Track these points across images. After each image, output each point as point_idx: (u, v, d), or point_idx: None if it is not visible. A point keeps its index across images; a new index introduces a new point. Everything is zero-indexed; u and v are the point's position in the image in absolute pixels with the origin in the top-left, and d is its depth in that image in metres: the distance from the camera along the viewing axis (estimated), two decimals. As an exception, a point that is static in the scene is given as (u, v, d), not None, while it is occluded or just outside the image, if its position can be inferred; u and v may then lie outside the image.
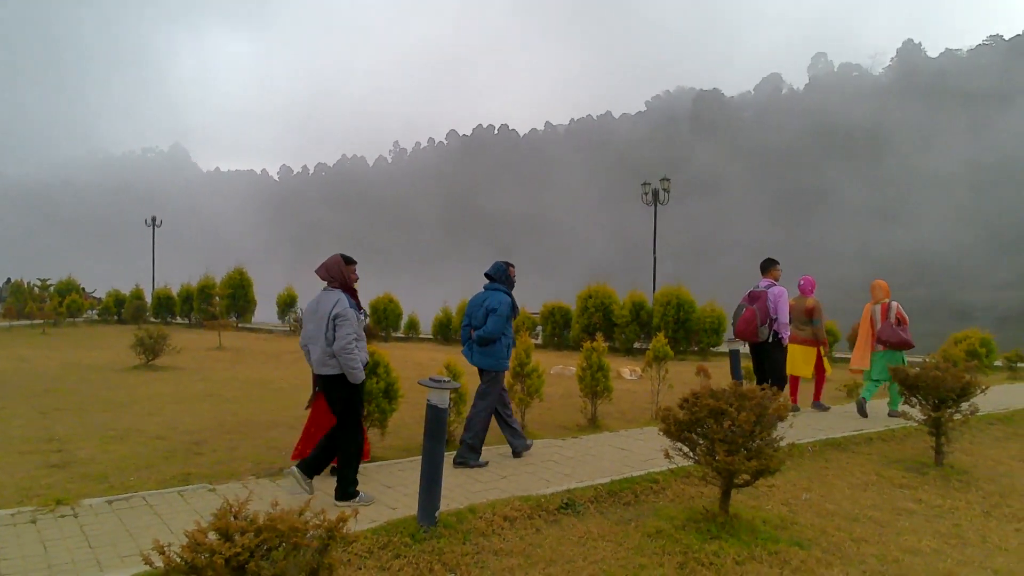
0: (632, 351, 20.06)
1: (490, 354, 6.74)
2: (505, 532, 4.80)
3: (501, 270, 6.98)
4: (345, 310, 5.39)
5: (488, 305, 6.75)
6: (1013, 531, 5.20)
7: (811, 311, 9.95)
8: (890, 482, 6.44)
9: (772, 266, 9.28)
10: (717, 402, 4.86)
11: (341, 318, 5.36)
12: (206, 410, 9.70)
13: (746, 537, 4.73)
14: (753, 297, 9.03)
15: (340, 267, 5.62)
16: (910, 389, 7.12)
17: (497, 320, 6.63)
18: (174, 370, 14.11)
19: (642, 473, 6.20)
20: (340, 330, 5.34)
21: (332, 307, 5.41)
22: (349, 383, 5.45)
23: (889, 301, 9.78)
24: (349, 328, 5.36)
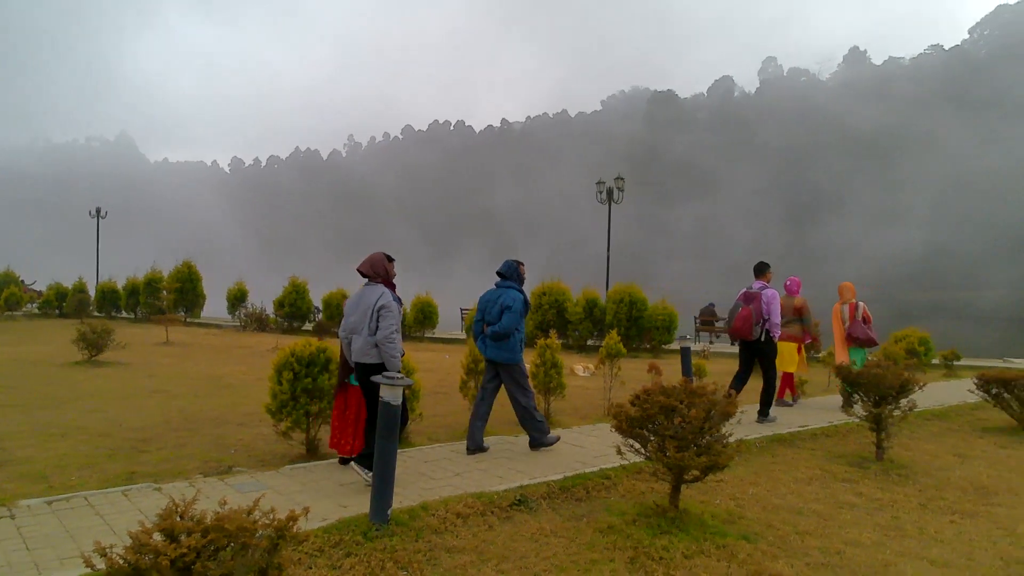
0: (585, 348, 20.22)
1: (505, 348, 7.00)
2: (458, 529, 4.80)
3: (513, 268, 7.29)
4: (389, 303, 5.79)
5: (503, 302, 7.03)
6: (948, 523, 5.39)
7: (799, 310, 10.48)
8: (833, 476, 6.63)
9: (766, 269, 9.68)
10: (668, 399, 4.94)
11: (385, 310, 5.74)
12: (152, 407, 9.46)
13: (695, 531, 4.81)
14: (748, 298, 9.36)
15: (383, 263, 6.06)
16: (852, 386, 7.35)
17: (512, 316, 6.93)
18: (119, 366, 13.73)
19: (594, 469, 6.26)
20: (383, 321, 5.71)
21: (376, 300, 5.79)
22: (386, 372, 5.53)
23: (856, 301, 10.46)
24: (392, 320, 5.73)
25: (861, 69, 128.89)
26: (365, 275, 6.08)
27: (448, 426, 8.43)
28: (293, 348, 6.70)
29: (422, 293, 23.87)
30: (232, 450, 7.06)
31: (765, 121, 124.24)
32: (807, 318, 10.57)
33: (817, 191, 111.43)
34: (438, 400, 10.13)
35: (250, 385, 11.30)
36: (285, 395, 6.52)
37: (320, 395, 6.62)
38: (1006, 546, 4.89)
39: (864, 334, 10.29)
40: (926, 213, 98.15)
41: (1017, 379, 8.87)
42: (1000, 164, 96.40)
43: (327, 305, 24.84)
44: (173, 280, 27.89)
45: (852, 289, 10.67)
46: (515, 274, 7.27)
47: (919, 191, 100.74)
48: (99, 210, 39.40)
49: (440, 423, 8.58)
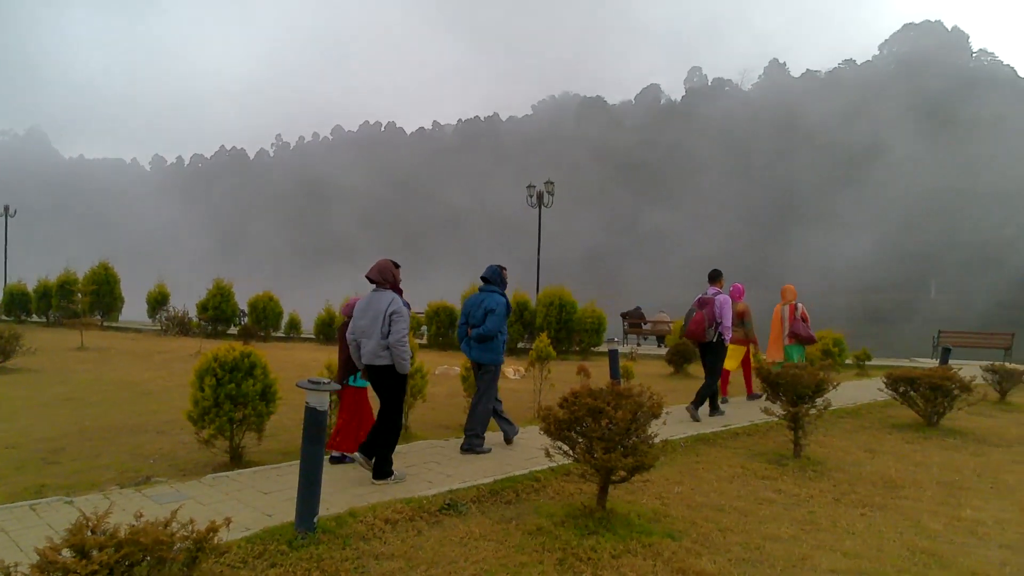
0: (516, 351, 20.31)
1: (489, 349, 7.31)
2: (386, 535, 4.75)
3: (496, 273, 7.53)
4: (400, 308, 6.07)
5: (487, 305, 7.30)
6: (860, 516, 5.65)
7: (742, 314, 11.23)
8: (753, 474, 6.86)
9: (719, 277, 10.18)
10: (596, 401, 5.02)
11: (397, 315, 6.01)
12: (65, 415, 9.03)
13: (622, 531, 4.90)
14: (702, 303, 9.88)
15: (391, 270, 6.31)
16: (772, 387, 7.62)
17: (495, 319, 7.22)
18: (29, 372, 13.05)
19: (524, 472, 6.30)
20: (395, 325, 5.97)
21: (388, 305, 6.05)
22: (397, 373, 6.05)
23: (796, 303, 11.39)
24: (404, 324, 6.01)
25: (781, 80, 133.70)
26: (373, 281, 6.28)
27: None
28: (216, 353, 6.52)
29: (351, 295, 23.49)
30: (151, 459, 6.81)
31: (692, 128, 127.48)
32: (748, 322, 11.33)
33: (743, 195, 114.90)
34: (368, 405, 10.01)
35: (171, 391, 10.92)
36: (207, 401, 6.33)
37: (244, 401, 6.46)
38: (912, 537, 5.15)
39: (805, 332, 11.18)
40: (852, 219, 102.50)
41: (922, 378, 9.36)
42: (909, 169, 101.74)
43: (253, 308, 24.18)
44: (89, 282, 26.67)
45: (793, 291, 11.53)
46: (498, 278, 7.51)
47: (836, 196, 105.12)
48: (7, 208, 37.31)
49: (369, 428, 8.47)
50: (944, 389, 9.20)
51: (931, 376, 9.38)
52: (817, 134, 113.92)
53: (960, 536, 5.23)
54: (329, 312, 23.21)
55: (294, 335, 24.12)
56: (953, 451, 8.25)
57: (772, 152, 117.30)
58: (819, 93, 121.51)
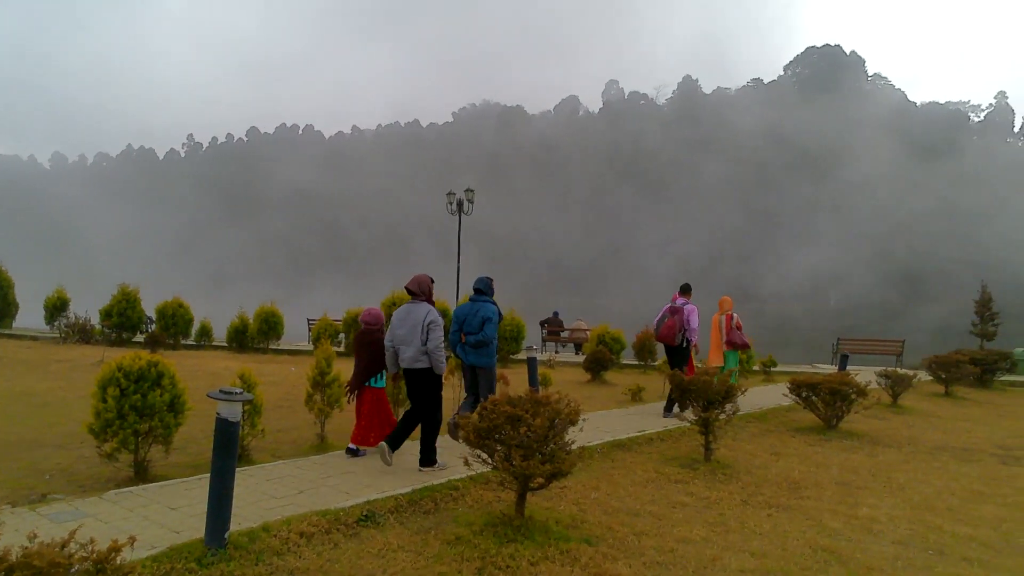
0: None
1: (486, 354, 7.96)
2: (301, 549, 4.65)
3: (487, 284, 8.18)
4: (437, 319, 6.84)
5: (483, 314, 7.89)
6: (766, 516, 5.90)
7: None
8: (667, 478, 7.05)
9: (690, 290, 11.35)
10: (514, 409, 5.06)
11: (435, 325, 6.79)
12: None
13: (540, 538, 4.95)
14: (673, 311, 11.06)
15: (428, 284, 7.10)
16: (684, 394, 7.87)
17: (493, 326, 7.88)
18: (-93, 384, 12.11)
19: (442, 481, 6.28)
20: (433, 334, 6.76)
21: (425, 316, 6.81)
22: (435, 375, 6.89)
23: (732, 312, 12.32)
24: (440, 332, 6.82)
25: (694, 97, 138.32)
26: (412, 293, 7.05)
27: (292, 441, 8.15)
28: (120, 362, 6.22)
29: (267, 303, 22.85)
30: (47, 476, 6.44)
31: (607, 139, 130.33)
32: None
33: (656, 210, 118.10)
34: (282, 415, 9.78)
35: (70, 403, 10.34)
36: (110, 413, 6.03)
37: (151, 413, 6.17)
38: (814, 535, 5.42)
39: (740, 339, 12.27)
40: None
41: (823, 383, 9.86)
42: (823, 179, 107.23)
43: (161, 315, 23.12)
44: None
45: (730, 302, 12.50)
46: (490, 289, 8.16)
47: None
48: None
49: (284, 438, 8.28)
50: (842, 394, 9.71)
51: (831, 381, 9.89)
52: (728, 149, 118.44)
53: (857, 534, 5.53)
54: (243, 319, 22.50)
55: (205, 343, 23.26)
56: (850, 452, 8.72)
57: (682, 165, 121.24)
58: (728, 109, 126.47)
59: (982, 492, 7.06)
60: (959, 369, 14.98)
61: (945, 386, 15.03)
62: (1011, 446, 9.59)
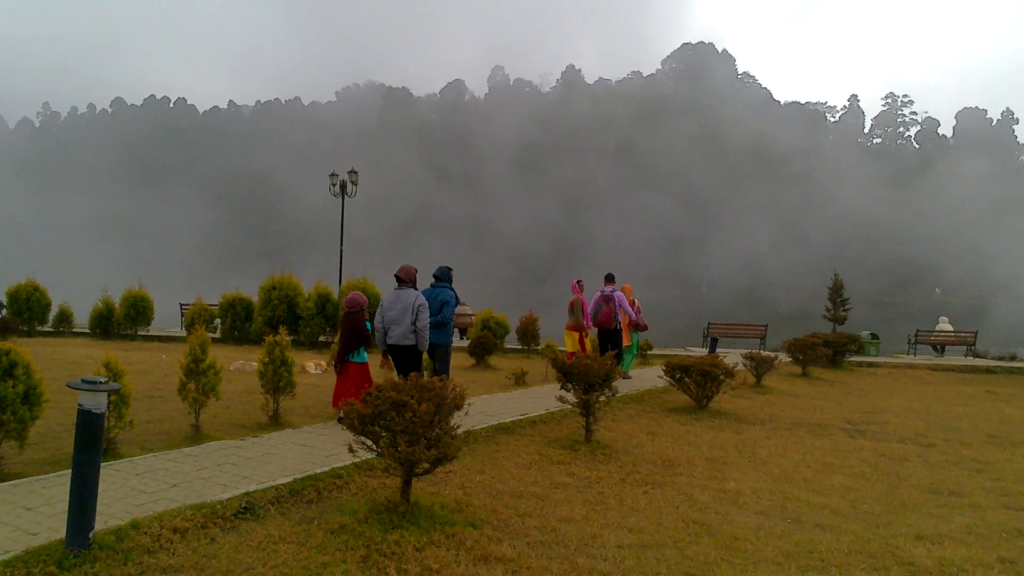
0: (318, 344, 19.73)
1: (444, 333, 9.24)
2: (175, 546, 4.44)
3: (446, 272, 9.50)
4: (425, 303, 8.18)
5: (441, 298, 9.18)
6: (643, 493, 6.19)
7: (573, 304, 13.22)
8: (549, 459, 7.24)
9: (614, 278, 13.10)
10: (399, 395, 5.04)
11: (423, 307, 8.12)
12: None
13: (425, 523, 4.97)
14: (607, 299, 12.75)
15: (414, 273, 8.43)
16: (566, 376, 8.08)
17: (450, 309, 9.24)
18: None
19: (326, 469, 6.17)
20: (421, 315, 8.06)
21: (415, 299, 8.12)
22: (418, 351, 8.12)
23: (633, 298, 13.70)
24: (427, 315, 8.14)
25: (576, 86, 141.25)
26: (400, 280, 8.31)
27: (164, 432, 7.75)
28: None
29: (134, 286, 21.47)
30: None
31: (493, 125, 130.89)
32: (578, 311, 13.15)
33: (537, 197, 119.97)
34: (153, 404, 9.27)
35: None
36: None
37: (2, 406, 5.67)
38: (686, 510, 5.74)
39: (642, 322, 13.88)
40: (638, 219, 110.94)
41: (695, 365, 10.40)
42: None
43: (14, 299, 21.18)
44: None
45: (630, 289, 13.74)
46: (448, 277, 9.46)
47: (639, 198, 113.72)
48: None
49: (155, 429, 7.85)
50: (712, 375, 10.28)
51: (702, 363, 10.44)
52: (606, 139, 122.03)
53: (724, 506, 5.90)
54: (107, 304, 21.05)
55: (65, 329, 21.60)
56: (719, 430, 9.26)
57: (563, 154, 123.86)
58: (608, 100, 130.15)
59: (833, 464, 7.69)
60: (814, 351, 16.19)
61: (802, 367, 16.21)
62: (857, 421, 10.49)
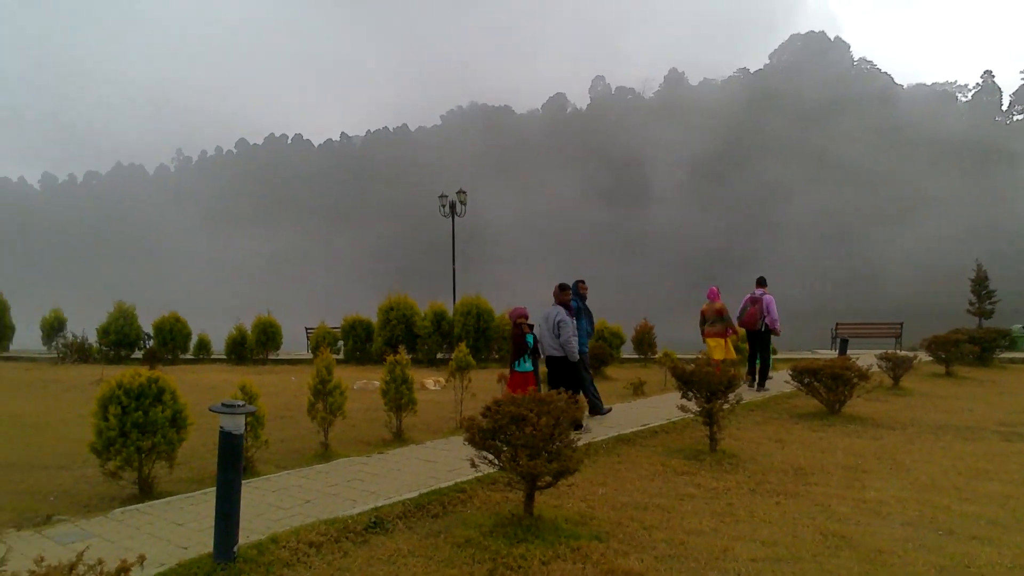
0: (435, 361, 20.19)
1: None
2: (311, 559, 4.62)
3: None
4: (564, 318, 9.09)
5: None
6: (774, 504, 5.89)
7: (720, 311, 12.92)
8: (673, 470, 7.04)
9: (765, 282, 12.95)
10: (518, 409, 5.04)
11: (563, 323, 9.05)
12: (-50, 456, 8.36)
13: (550, 537, 4.93)
14: (754, 301, 12.72)
15: (557, 292, 9.40)
16: (686, 384, 7.85)
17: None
18: (-94, 412, 12.03)
19: (449, 484, 6.26)
20: (561, 330, 9.02)
21: (555, 316, 9.08)
22: (569, 362, 9.10)
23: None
24: (568, 329, 9.05)
25: (680, 89, 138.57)
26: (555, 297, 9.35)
27: (296, 451, 8.12)
28: (120, 379, 6.19)
29: (263, 313, 22.79)
30: (51, 497, 6.40)
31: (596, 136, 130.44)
32: (727, 317, 12.89)
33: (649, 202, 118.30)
34: (284, 425, 9.74)
35: (70, 423, 10.28)
36: (113, 431, 6.00)
37: (153, 429, 6.14)
38: (823, 521, 5.41)
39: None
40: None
41: (824, 368, 9.86)
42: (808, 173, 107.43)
43: (159, 331, 23.01)
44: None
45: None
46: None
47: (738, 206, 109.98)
48: None
49: (287, 448, 8.24)
50: (844, 378, 9.72)
51: (832, 366, 9.89)
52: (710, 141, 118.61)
53: (866, 517, 5.53)
54: (240, 331, 22.44)
55: (204, 356, 23.20)
56: (854, 436, 8.72)
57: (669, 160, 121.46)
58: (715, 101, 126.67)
59: (986, 470, 7.06)
60: (958, 348, 15.00)
61: (945, 366, 15.06)
62: (1013, 423, 9.61)
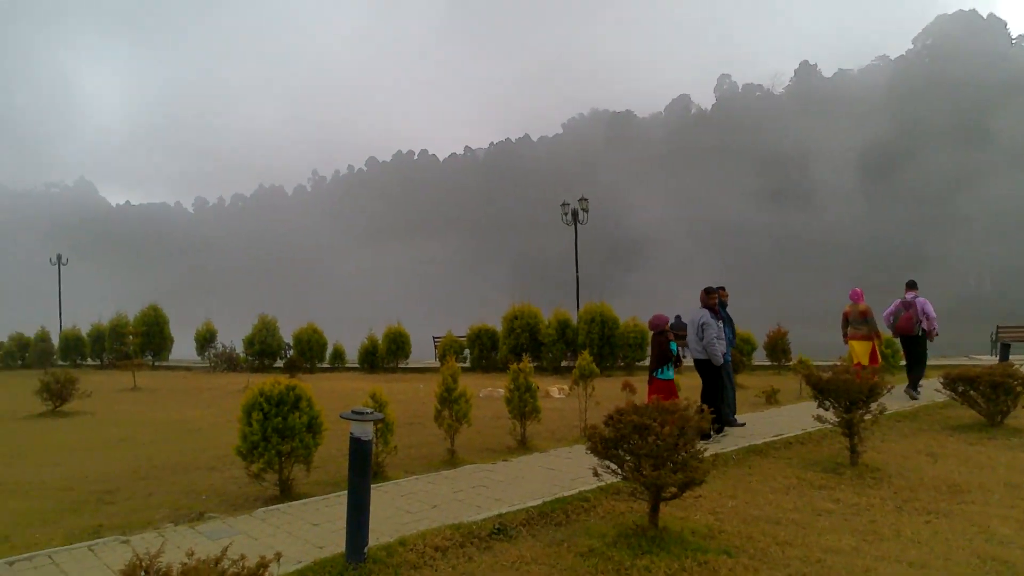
0: (559, 369, 20.20)
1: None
2: (437, 563, 4.71)
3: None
4: (708, 320, 9.07)
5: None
6: (924, 523, 5.43)
7: (864, 313, 12.26)
8: (809, 484, 6.66)
9: (915, 285, 12.34)
10: (641, 418, 4.93)
11: (707, 326, 9.03)
12: (118, 456, 9.22)
13: (676, 549, 4.78)
14: (907, 305, 12.18)
15: (703, 296, 9.40)
16: (822, 393, 7.40)
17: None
18: (84, 415, 13.38)
19: (573, 492, 6.22)
20: (705, 332, 9.01)
21: (699, 319, 9.09)
22: (712, 365, 9.03)
23: None
24: (712, 331, 9.02)
25: (812, 82, 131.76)
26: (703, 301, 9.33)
27: (423, 457, 8.33)
28: (262, 388, 6.58)
29: (393, 323, 23.69)
30: (203, 496, 6.89)
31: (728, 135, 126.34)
32: (872, 320, 12.24)
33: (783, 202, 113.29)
34: (412, 431, 10.03)
35: (219, 427, 11.08)
36: (255, 436, 6.39)
37: (292, 434, 6.48)
38: (981, 543, 4.93)
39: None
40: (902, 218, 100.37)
41: (982, 376, 9.02)
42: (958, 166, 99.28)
43: (298, 341, 24.47)
44: (139, 324, 27.39)
45: None
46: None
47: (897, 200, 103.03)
48: (60, 257, 38.61)
49: (415, 454, 8.48)
50: (1006, 387, 8.85)
51: (991, 374, 9.03)
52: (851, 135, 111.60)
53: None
54: (372, 341, 23.41)
55: (339, 365, 24.40)
56: (1019, 451, 7.91)
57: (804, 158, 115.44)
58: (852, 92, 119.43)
59: None
60: None
61: None
62: None
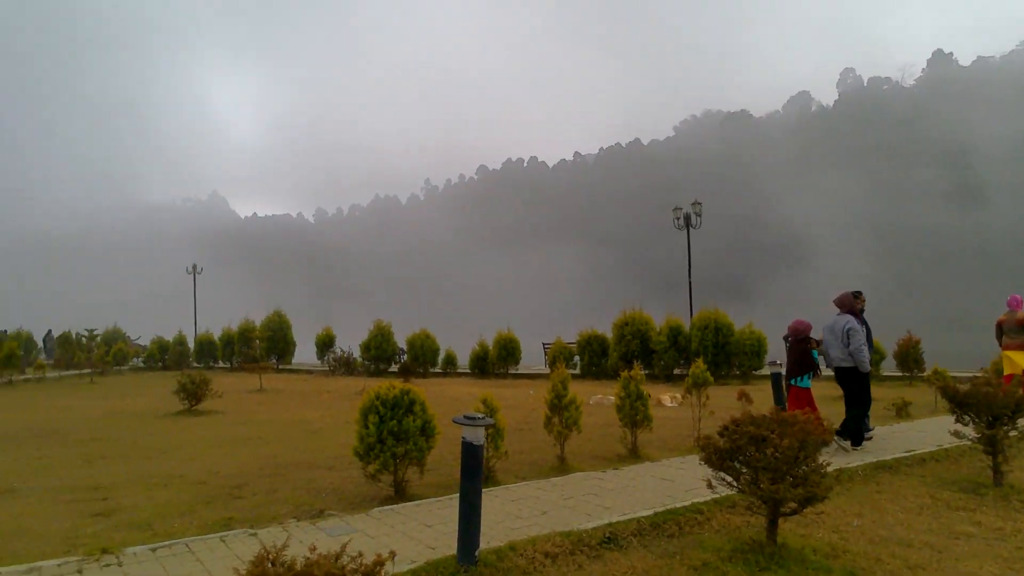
0: (671, 377, 19.78)
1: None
2: (547, 569, 4.70)
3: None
4: (855, 326, 8.55)
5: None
6: (1081, 553, 4.94)
7: (1022, 322, 11.38)
8: (945, 505, 6.19)
9: None
10: (758, 429, 4.74)
11: (853, 331, 8.50)
12: (246, 453, 9.77)
13: (796, 568, 4.56)
14: None
15: (849, 299, 8.91)
16: (960, 407, 6.87)
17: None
18: (215, 414, 14.28)
19: (686, 504, 6.05)
20: (852, 338, 8.47)
21: (844, 324, 8.56)
22: (860, 372, 8.52)
23: None
24: (859, 337, 8.49)
25: (948, 72, 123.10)
26: (839, 306, 8.85)
27: (533, 463, 8.35)
28: (378, 391, 6.79)
29: (503, 329, 23.94)
30: (323, 494, 7.19)
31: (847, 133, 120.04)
32: None
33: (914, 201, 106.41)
34: (523, 437, 10.08)
35: (337, 429, 11.53)
36: (372, 438, 6.60)
37: (406, 437, 6.65)
38: None
39: None
40: None
41: None
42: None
43: (411, 346, 25.19)
44: (265, 329, 28.99)
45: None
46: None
47: None
48: (195, 266, 41.52)
49: (525, 459, 8.51)
50: None
51: None
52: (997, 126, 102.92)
53: None
54: (483, 346, 23.76)
55: (450, 370, 24.91)
56: None
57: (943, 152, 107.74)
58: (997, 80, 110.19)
59: None
60: None
61: None
62: None
